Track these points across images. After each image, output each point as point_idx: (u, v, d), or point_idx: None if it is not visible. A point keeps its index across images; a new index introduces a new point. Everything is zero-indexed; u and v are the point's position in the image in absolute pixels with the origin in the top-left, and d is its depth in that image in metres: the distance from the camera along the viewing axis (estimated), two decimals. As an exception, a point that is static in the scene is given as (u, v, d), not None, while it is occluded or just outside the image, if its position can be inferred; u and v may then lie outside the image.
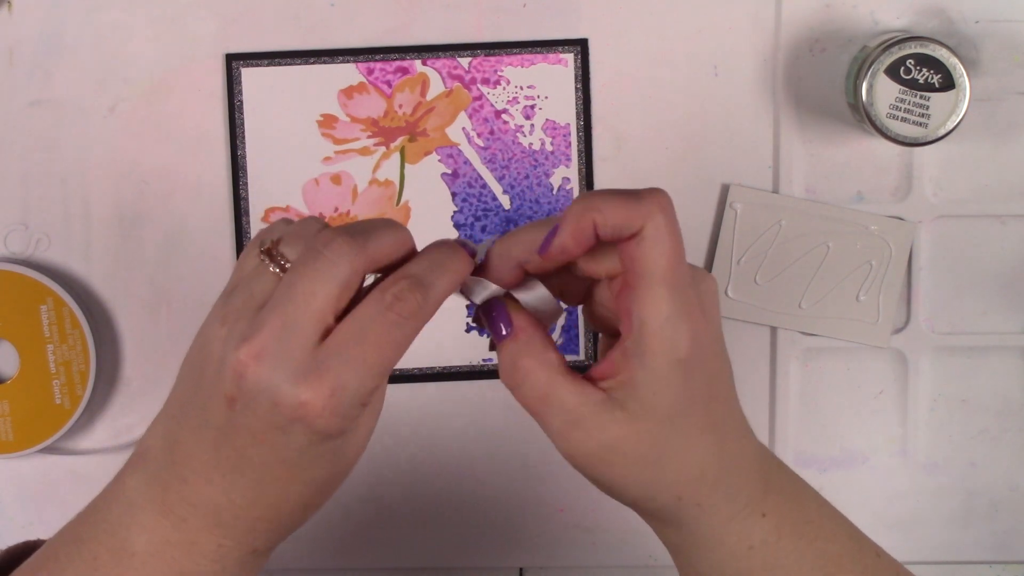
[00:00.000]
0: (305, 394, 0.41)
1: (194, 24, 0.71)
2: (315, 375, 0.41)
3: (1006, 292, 0.71)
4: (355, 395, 0.42)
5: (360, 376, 0.41)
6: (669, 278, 0.43)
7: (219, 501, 0.44)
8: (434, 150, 0.71)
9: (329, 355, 0.41)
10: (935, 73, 0.64)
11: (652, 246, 0.43)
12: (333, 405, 0.41)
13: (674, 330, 0.43)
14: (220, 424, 0.43)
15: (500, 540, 0.73)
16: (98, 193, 0.72)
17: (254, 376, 0.41)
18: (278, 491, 0.44)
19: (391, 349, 0.42)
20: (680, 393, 0.44)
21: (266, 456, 0.43)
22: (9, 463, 0.73)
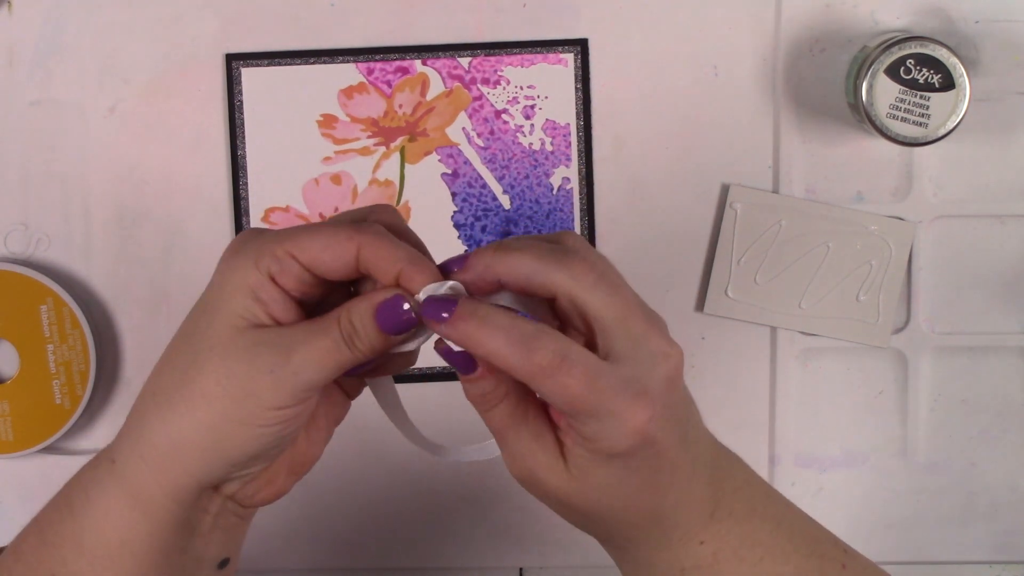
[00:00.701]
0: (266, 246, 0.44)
1: (194, 24, 0.71)
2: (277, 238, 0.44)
3: (1006, 292, 0.71)
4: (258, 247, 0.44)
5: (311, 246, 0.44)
6: (579, 412, 0.43)
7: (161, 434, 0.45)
8: (434, 150, 0.71)
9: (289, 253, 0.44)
10: (935, 73, 0.64)
11: (550, 400, 0.43)
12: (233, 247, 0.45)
13: (603, 436, 0.44)
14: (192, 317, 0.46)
15: (500, 540, 0.73)
16: (98, 193, 0.72)
17: (226, 258, 0.46)
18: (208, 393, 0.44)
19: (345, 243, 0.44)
20: (618, 477, 0.45)
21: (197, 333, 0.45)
22: (9, 463, 0.73)
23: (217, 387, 0.43)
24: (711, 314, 0.72)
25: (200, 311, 0.45)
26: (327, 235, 0.44)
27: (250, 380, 0.43)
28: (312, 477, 0.63)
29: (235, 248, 0.45)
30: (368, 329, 0.45)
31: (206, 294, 0.45)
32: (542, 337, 0.43)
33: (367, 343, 0.45)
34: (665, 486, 0.46)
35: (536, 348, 0.42)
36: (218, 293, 0.45)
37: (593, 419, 0.43)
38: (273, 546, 0.73)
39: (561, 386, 0.42)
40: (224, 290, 0.44)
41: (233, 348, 0.44)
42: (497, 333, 0.43)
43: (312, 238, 0.44)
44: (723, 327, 0.72)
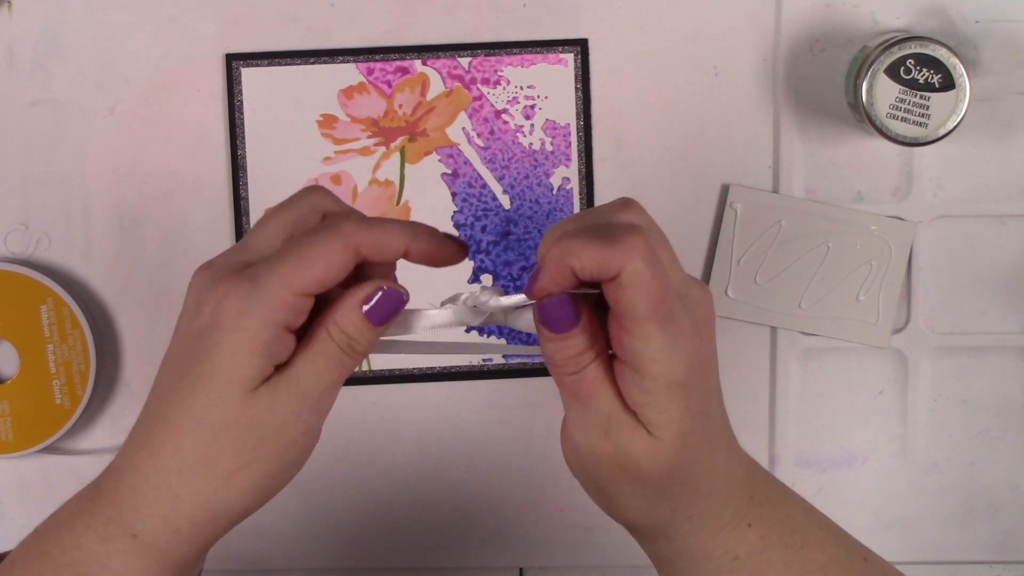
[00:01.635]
0: (225, 284, 0.43)
1: (194, 24, 0.71)
2: (238, 272, 0.44)
3: (1006, 292, 0.71)
4: (266, 301, 0.43)
5: (277, 279, 0.43)
6: (653, 315, 0.43)
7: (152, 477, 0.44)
8: (434, 150, 0.71)
9: (263, 262, 0.44)
10: (935, 73, 0.64)
11: (631, 291, 0.43)
12: (245, 298, 0.43)
13: (666, 358, 0.43)
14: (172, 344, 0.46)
15: (500, 540, 0.74)
16: (98, 193, 0.72)
17: (197, 279, 0.45)
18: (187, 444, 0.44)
19: (316, 261, 0.43)
20: (682, 415, 0.44)
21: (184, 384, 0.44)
22: (9, 463, 0.73)
23: (253, 457, 0.44)
24: (711, 314, 0.72)
25: (206, 374, 0.44)
26: (324, 256, 0.43)
27: (281, 436, 0.44)
28: (312, 478, 0.63)
29: (238, 308, 0.43)
30: (363, 330, 0.45)
31: (207, 352, 0.44)
32: (629, 228, 0.43)
33: (366, 343, 0.45)
34: (716, 445, 0.46)
35: (626, 235, 0.42)
36: (228, 359, 0.43)
37: (661, 330, 0.43)
38: (273, 546, 0.73)
39: (650, 271, 0.42)
40: (235, 356, 0.43)
41: (256, 418, 0.44)
42: (578, 238, 0.43)
43: (313, 265, 0.43)
44: (723, 327, 0.72)
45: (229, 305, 0.43)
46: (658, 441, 0.44)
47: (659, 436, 0.44)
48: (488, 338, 0.72)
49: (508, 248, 0.72)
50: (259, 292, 0.43)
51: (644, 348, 0.43)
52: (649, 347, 0.43)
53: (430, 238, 0.46)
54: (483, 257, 0.72)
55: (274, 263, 0.43)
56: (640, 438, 0.45)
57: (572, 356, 0.45)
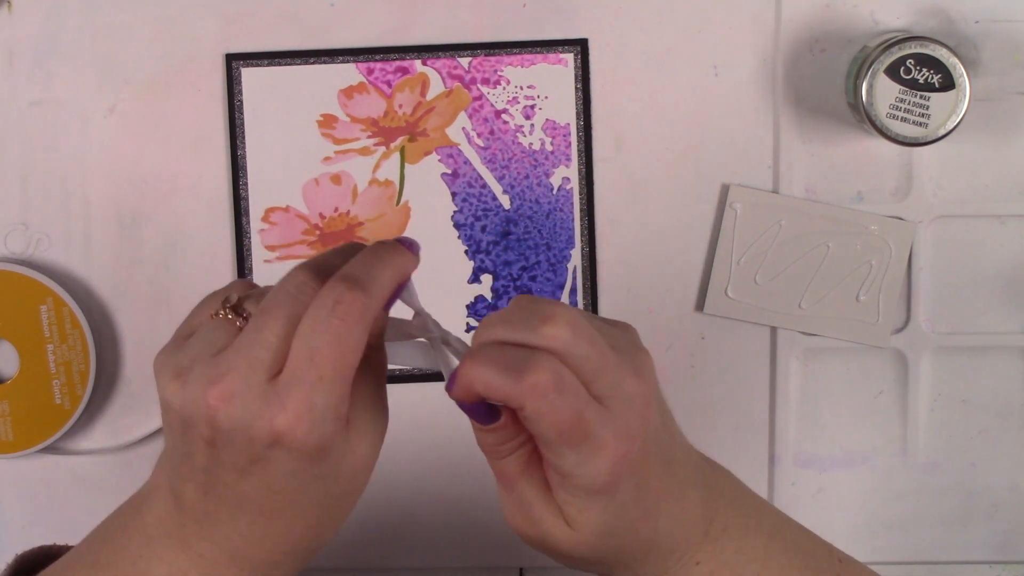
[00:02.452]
0: (277, 420, 0.41)
1: (194, 24, 0.71)
2: (279, 401, 0.41)
3: (1006, 292, 0.71)
4: (325, 410, 0.42)
5: (323, 392, 0.41)
6: (564, 441, 0.43)
7: (231, 537, 0.44)
8: (434, 150, 0.71)
9: (289, 380, 0.42)
10: (935, 73, 0.64)
11: (536, 423, 0.43)
12: (306, 425, 0.41)
13: (584, 471, 0.44)
14: (206, 466, 0.43)
15: (500, 540, 0.73)
16: (98, 193, 0.72)
17: (225, 416, 0.42)
18: (283, 521, 0.44)
19: (343, 356, 0.42)
20: (602, 513, 0.45)
21: (258, 488, 0.43)
22: (9, 463, 0.73)
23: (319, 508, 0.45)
24: (711, 314, 0.72)
25: None
26: None
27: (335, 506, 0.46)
28: (312, 477, 0.63)
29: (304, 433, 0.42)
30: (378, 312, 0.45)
31: None
32: (539, 359, 0.42)
33: (377, 324, 0.45)
34: (655, 514, 0.46)
35: (531, 369, 0.42)
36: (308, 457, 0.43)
37: (574, 451, 0.43)
38: (273, 546, 0.73)
39: (552, 408, 0.42)
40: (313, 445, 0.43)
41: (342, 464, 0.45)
42: (487, 363, 0.43)
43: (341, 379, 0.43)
44: (723, 327, 0.72)
45: (302, 437, 0.42)
46: (578, 533, 0.45)
47: (579, 530, 0.45)
48: None
49: (508, 248, 0.72)
50: (323, 409, 0.42)
51: (560, 464, 0.44)
52: (565, 463, 0.44)
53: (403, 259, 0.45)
54: (483, 257, 0.72)
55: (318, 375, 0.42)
56: (560, 528, 0.46)
57: (493, 445, 0.46)
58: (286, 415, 0.41)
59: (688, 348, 0.72)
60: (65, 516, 0.74)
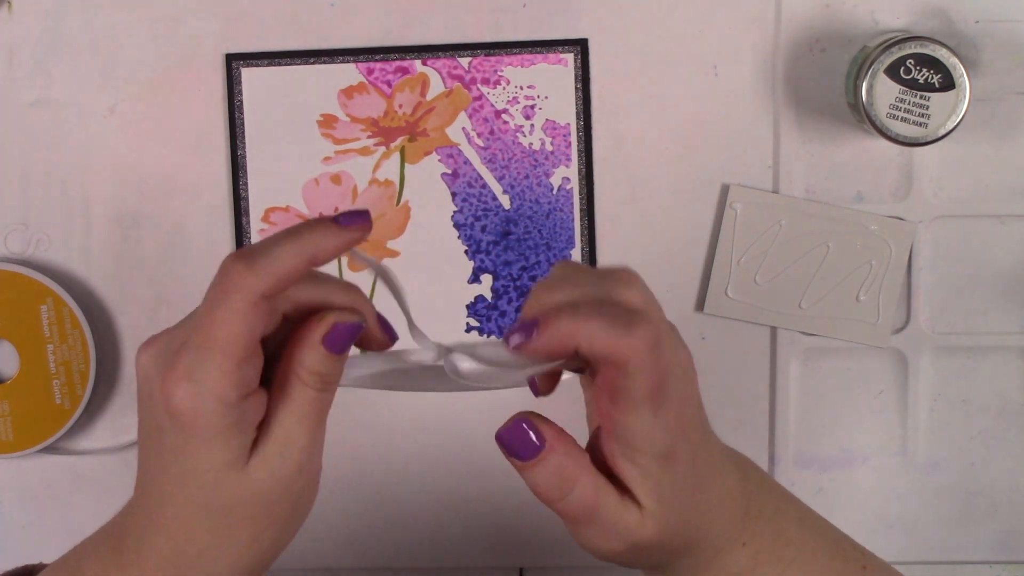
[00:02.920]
0: (167, 379, 0.42)
1: (194, 24, 0.71)
2: (174, 365, 0.42)
3: (1006, 292, 0.71)
4: (204, 380, 0.41)
5: (203, 361, 0.41)
6: (651, 399, 0.43)
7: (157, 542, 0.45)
8: (434, 150, 0.71)
9: (181, 346, 0.42)
10: (935, 73, 0.64)
11: (635, 379, 0.42)
12: (186, 391, 0.41)
13: (654, 433, 0.44)
14: (140, 427, 0.45)
15: (500, 540, 0.73)
16: (98, 193, 0.72)
17: (141, 367, 0.43)
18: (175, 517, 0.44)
19: (220, 326, 0.41)
20: (672, 479, 0.45)
21: (161, 469, 0.43)
22: (9, 463, 0.73)
23: (269, 521, 0.45)
24: (711, 314, 0.72)
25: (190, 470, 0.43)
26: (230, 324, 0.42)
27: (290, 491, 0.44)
28: (312, 477, 0.62)
29: (191, 407, 0.42)
30: (331, 363, 0.44)
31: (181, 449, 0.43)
32: (642, 316, 0.43)
33: (337, 372, 0.44)
34: (705, 486, 0.46)
35: (639, 324, 0.42)
36: (205, 454, 0.43)
37: (652, 412, 0.43)
38: (273, 546, 0.73)
39: (654, 364, 0.42)
40: (210, 450, 0.43)
41: (259, 488, 0.44)
42: (591, 318, 0.42)
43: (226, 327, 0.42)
44: (723, 327, 0.72)
45: (181, 405, 0.42)
46: (647, 510, 0.45)
47: (648, 506, 0.45)
48: (489, 337, 0.72)
49: (508, 248, 0.72)
50: (202, 380, 0.42)
51: (636, 426, 0.43)
52: (639, 427, 0.43)
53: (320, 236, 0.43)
54: (483, 257, 0.72)
55: (199, 342, 0.42)
56: (632, 513, 0.45)
57: (556, 477, 0.45)
58: (174, 375, 0.42)
59: (688, 348, 0.72)
60: (65, 516, 0.74)
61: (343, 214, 0.43)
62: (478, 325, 0.72)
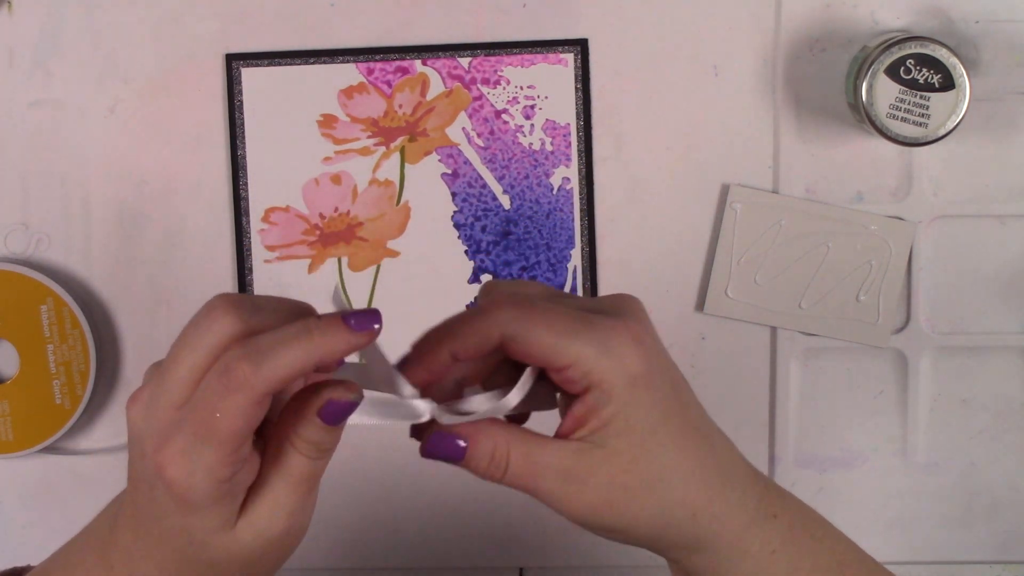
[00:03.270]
0: (160, 451, 0.42)
1: (194, 24, 0.71)
2: (169, 437, 0.41)
3: (1006, 292, 0.71)
4: (199, 463, 0.41)
5: (200, 446, 0.41)
6: (561, 334, 0.43)
7: None
8: (434, 150, 0.71)
9: (180, 420, 0.41)
10: (935, 73, 0.64)
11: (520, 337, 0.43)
12: (180, 470, 0.41)
13: (616, 354, 0.43)
14: (132, 470, 0.45)
15: (500, 540, 0.73)
16: (98, 193, 0.72)
17: (131, 420, 0.43)
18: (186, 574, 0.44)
19: (225, 419, 0.40)
20: (648, 407, 0.44)
21: (161, 526, 0.44)
22: (9, 463, 0.73)
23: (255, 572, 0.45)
24: (711, 314, 0.72)
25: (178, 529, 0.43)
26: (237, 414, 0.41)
27: (278, 548, 0.44)
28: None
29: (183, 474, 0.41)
30: (326, 433, 0.43)
31: (169, 511, 0.43)
32: (489, 304, 0.44)
33: (332, 441, 0.44)
34: (707, 432, 0.45)
35: (484, 311, 0.43)
36: (195, 518, 0.43)
37: (584, 340, 0.43)
38: (273, 546, 0.73)
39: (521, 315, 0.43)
40: (199, 515, 0.42)
41: (246, 550, 0.44)
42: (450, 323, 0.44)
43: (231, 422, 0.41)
44: (723, 327, 0.72)
45: (174, 477, 0.42)
46: (622, 452, 0.43)
47: (624, 446, 0.43)
48: None
49: (508, 248, 0.72)
50: (198, 462, 0.41)
51: (588, 357, 0.43)
52: (585, 358, 0.43)
53: (330, 340, 0.42)
54: (483, 257, 0.72)
55: (197, 431, 0.41)
56: (601, 460, 0.44)
57: (488, 462, 0.45)
58: (168, 451, 0.41)
59: (688, 348, 0.72)
60: (65, 516, 0.74)
61: (354, 315, 0.42)
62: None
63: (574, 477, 0.44)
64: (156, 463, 0.42)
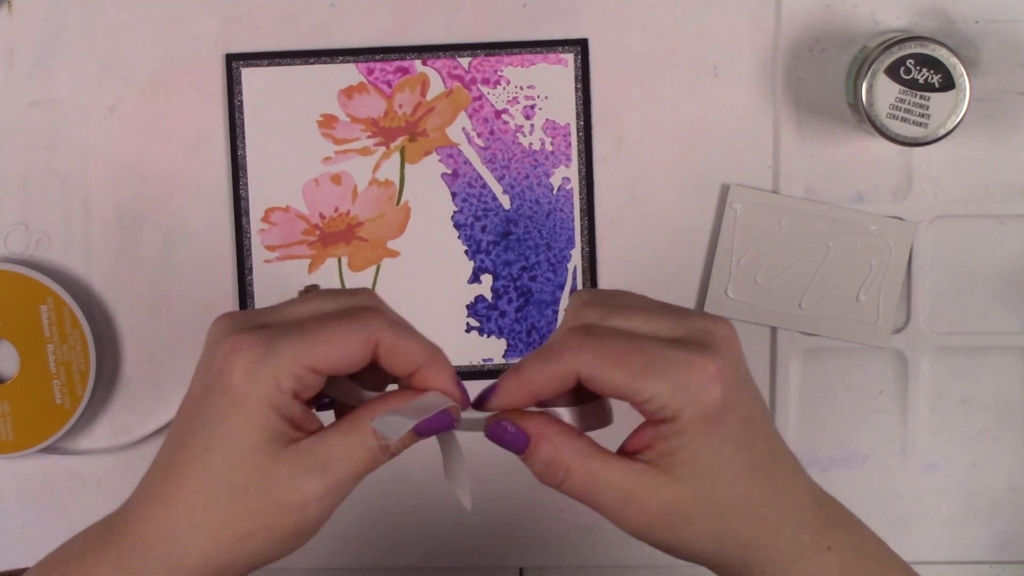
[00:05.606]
0: (240, 341, 0.43)
1: (194, 24, 0.71)
2: (252, 331, 0.43)
3: (1006, 292, 0.71)
4: (264, 361, 0.42)
5: (288, 349, 0.42)
6: (634, 377, 0.44)
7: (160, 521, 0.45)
8: (434, 150, 0.71)
9: (262, 322, 0.44)
10: (935, 73, 0.64)
11: (595, 381, 0.44)
12: (242, 360, 0.42)
13: (692, 391, 0.43)
14: (186, 398, 0.45)
15: (500, 540, 0.73)
16: (98, 193, 0.72)
17: (212, 331, 0.44)
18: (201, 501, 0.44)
19: (330, 343, 0.43)
20: (717, 444, 0.44)
21: (198, 439, 0.43)
22: (9, 463, 0.73)
23: (266, 525, 0.44)
24: (711, 314, 0.72)
25: (221, 433, 0.43)
26: (344, 340, 0.43)
27: (300, 511, 0.44)
28: (312, 477, 0.62)
29: (247, 368, 0.43)
30: (409, 438, 0.45)
31: (218, 410, 0.43)
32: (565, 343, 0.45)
33: (402, 446, 0.45)
34: (773, 466, 0.46)
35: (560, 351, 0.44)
36: (241, 420, 0.43)
37: (657, 380, 0.43)
38: (273, 546, 0.73)
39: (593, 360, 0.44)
40: (247, 417, 0.43)
41: (277, 485, 0.43)
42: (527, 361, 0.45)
43: (330, 346, 0.43)
44: (723, 327, 0.72)
45: (239, 365, 0.43)
46: (686, 482, 0.44)
47: (689, 476, 0.44)
48: (488, 338, 0.72)
49: (508, 248, 0.72)
50: (270, 357, 0.43)
51: (656, 397, 0.43)
52: (660, 394, 0.43)
53: (441, 375, 0.46)
54: (483, 257, 0.72)
55: (292, 333, 0.43)
56: (664, 485, 0.44)
57: (547, 465, 0.46)
58: (249, 339, 0.43)
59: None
60: (65, 516, 0.74)
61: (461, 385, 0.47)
62: (478, 325, 0.72)
63: (635, 498, 0.45)
64: (228, 353, 0.43)
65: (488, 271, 0.72)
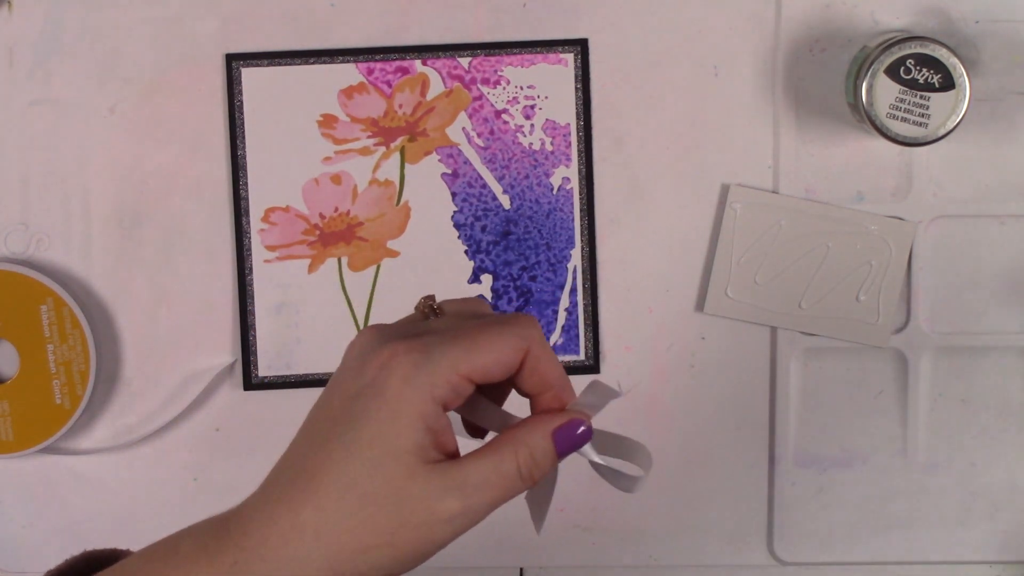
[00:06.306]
0: (384, 349, 0.43)
1: (194, 24, 0.71)
2: (410, 341, 0.43)
3: (1006, 292, 0.71)
4: (420, 370, 0.42)
5: (432, 355, 0.42)
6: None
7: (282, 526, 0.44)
8: (434, 150, 0.71)
9: (419, 332, 0.44)
10: (935, 73, 0.64)
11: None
12: (399, 367, 0.42)
13: None
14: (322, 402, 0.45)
15: (500, 540, 0.73)
16: (98, 193, 0.72)
17: (359, 341, 0.44)
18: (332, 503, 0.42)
19: (490, 351, 0.43)
20: None
21: (339, 442, 0.43)
22: (9, 463, 0.73)
23: (393, 539, 0.42)
24: (711, 314, 0.72)
25: (365, 440, 0.42)
26: (502, 345, 0.43)
27: (429, 529, 0.43)
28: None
29: (404, 375, 0.42)
30: (547, 457, 0.45)
31: (366, 415, 0.42)
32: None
33: (543, 472, 0.45)
34: None
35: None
36: (389, 427, 0.42)
37: None
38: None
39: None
40: (396, 425, 0.42)
41: (410, 499, 0.42)
42: None
43: (488, 352, 0.43)
44: (723, 327, 0.72)
45: (396, 370, 0.42)
46: None
47: None
48: None
49: (508, 248, 0.72)
50: (428, 364, 0.42)
51: None
52: None
53: (573, 397, 0.46)
54: (483, 257, 0.72)
55: (447, 340, 0.43)
56: None
57: None
58: (408, 346, 0.42)
59: (688, 348, 0.72)
60: (65, 516, 0.74)
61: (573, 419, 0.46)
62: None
63: None
64: (384, 359, 0.42)
65: (488, 271, 0.72)
